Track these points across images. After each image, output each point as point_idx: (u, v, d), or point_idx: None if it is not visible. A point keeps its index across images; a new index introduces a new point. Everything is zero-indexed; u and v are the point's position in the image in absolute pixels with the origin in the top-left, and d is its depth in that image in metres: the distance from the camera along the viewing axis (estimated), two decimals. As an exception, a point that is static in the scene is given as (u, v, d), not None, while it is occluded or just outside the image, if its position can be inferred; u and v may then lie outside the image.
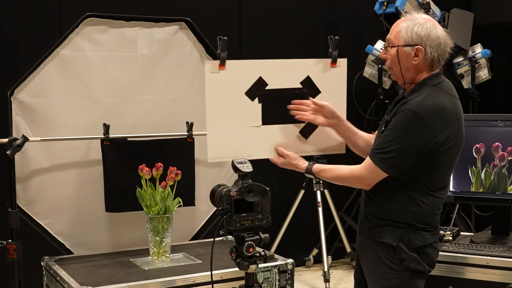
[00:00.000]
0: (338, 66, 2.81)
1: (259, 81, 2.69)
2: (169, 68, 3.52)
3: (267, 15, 5.12)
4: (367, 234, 2.58)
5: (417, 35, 2.46)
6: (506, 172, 3.09)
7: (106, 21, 3.35)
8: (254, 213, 2.34)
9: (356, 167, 2.51)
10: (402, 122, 2.40)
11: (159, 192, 3.14)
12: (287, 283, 3.06)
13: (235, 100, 2.66)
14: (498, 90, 5.91)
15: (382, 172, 2.43)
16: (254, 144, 2.68)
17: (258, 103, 2.70)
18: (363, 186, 2.52)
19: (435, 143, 2.39)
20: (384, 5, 4.73)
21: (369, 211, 2.57)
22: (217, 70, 2.62)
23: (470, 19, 5.35)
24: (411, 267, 2.47)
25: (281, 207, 4.98)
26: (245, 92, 2.67)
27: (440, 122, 2.40)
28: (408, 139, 2.38)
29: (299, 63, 2.77)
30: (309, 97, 2.76)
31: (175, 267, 3.05)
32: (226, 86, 2.64)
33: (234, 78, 2.66)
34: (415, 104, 2.40)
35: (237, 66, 2.69)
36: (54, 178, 3.31)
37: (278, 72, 2.73)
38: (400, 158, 2.40)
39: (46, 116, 3.26)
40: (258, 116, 2.70)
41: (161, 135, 3.47)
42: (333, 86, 2.80)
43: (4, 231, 3.13)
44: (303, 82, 2.76)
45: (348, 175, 2.53)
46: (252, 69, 2.69)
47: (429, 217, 2.50)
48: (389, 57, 2.53)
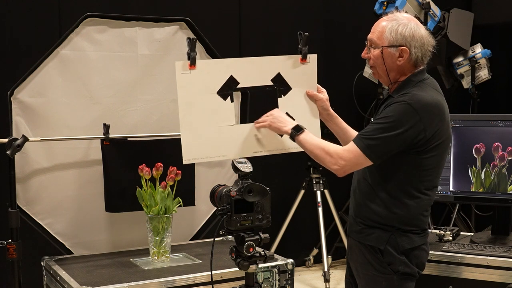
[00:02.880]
0: (308, 62, 2.78)
1: (230, 80, 2.66)
2: (169, 68, 3.51)
3: (267, 15, 5.12)
4: (355, 236, 2.57)
5: (402, 35, 2.45)
6: (506, 172, 3.09)
7: (106, 21, 3.35)
8: (254, 213, 2.34)
9: (340, 149, 2.44)
10: (393, 112, 2.38)
11: (159, 192, 3.14)
12: (287, 283, 3.06)
13: (207, 100, 2.63)
14: (498, 90, 5.92)
15: (365, 159, 2.38)
16: (229, 143, 2.65)
17: (231, 102, 2.67)
18: (338, 170, 2.42)
19: (423, 137, 2.37)
20: (384, 5, 4.73)
21: (356, 213, 2.56)
22: (187, 70, 2.60)
23: (470, 19, 5.35)
24: (399, 270, 2.45)
25: (281, 207, 4.98)
26: (216, 91, 2.65)
27: (429, 117, 2.39)
28: (398, 128, 2.35)
29: (269, 60, 2.75)
30: (280, 94, 2.74)
31: (175, 267, 3.05)
32: (198, 86, 2.61)
33: (205, 78, 2.63)
34: (408, 96, 2.39)
35: (207, 65, 2.67)
36: (54, 178, 3.31)
37: (249, 70, 2.70)
38: (386, 146, 2.37)
39: (46, 116, 3.26)
40: (231, 115, 2.67)
41: (161, 135, 3.47)
42: (304, 82, 2.77)
43: (4, 231, 3.13)
44: (274, 79, 2.74)
45: (330, 153, 2.43)
46: (223, 68, 2.66)
47: (416, 219, 2.48)
48: (372, 57, 2.53)
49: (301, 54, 2.77)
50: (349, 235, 2.63)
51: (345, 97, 5.16)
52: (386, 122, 2.38)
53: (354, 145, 2.40)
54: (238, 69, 2.68)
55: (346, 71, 5.28)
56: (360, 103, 5.14)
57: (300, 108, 2.76)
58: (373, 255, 2.48)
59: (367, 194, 2.50)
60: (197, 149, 2.60)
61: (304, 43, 2.76)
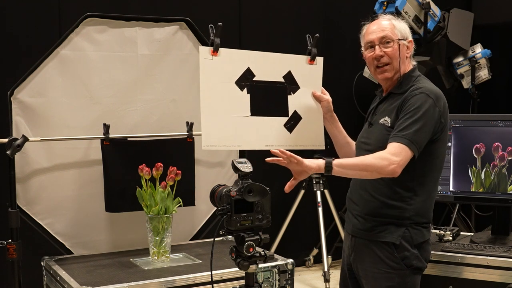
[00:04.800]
0: (316, 64, 2.86)
1: (247, 72, 2.71)
2: (169, 68, 3.52)
3: (267, 15, 5.12)
4: (364, 235, 2.57)
5: (405, 29, 2.62)
6: (506, 172, 3.09)
7: (106, 21, 3.35)
8: (254, 213, 2.33)
9: (382, 152, 2.41)
10: (418, 103, 2.46)
11: (159, 192, 3.14)
12: (287, 283, 3.06)
13: (226, 88, 2.67)
14: (498, 90, 5.92)
15: (410, 154, 2.41)
16: (243, 134, 2.69)
17: (247, 93, 2.71)
18: (396, 168, 2.36)
19: (440, 124, 2.48)
20: (384, 5, 4.74)
21: (366, 211, 2.56)
22: (210, 57, 2.64)
23: (470, 19, 5.36)
24: (413, 264, 2.49)
25: (281, 207, 4.98)
26: (235, 81, 2.70)
27: (443, 105, 2.52)
28: (427, 117, 2.44)
29: (282, 58, 2.81)
30: (290, 92, 2.79)
31: (175, 267, 3.05)
32: (219, 74, 2.66)
33: (226, 66, 2.67)
34: (421, 89, 2.50)
35: (229, 54, 2.71)
36: (54, 178, 3.31)
37: (264, 64, 2.77)
38: (423, 136, 2.44)
39: (46, 116, 3.26)
40: (247, 106, 2.71)
41: (161, 135, 3.47)
42: (311, 83, 2.84)
43: (4, 231, 3.13)
44: (285, 77, 2.80)
45: (377, 160, 2.37)
46: (242, 59, 2.72)
47: (428, 211, 2.55)
48: (390, 53, 2.58)
49: (310, 55, 2.84)
50: (353, 235, 2.61)
51: (345, 97, 5.16)
52: (415, 114, 2.44)
53: (397, 144, 2.41)
54: (255, 61, 2.74)
55: (346, 71, 5.28)
56: (360, 103, 5.14)
57: (306, 107, 2.81)
58: (386, 251, 2.49)
59: (379, 190, 2.51)
60: (216, 136, 2.63)
61: (314, 44, 2.84)
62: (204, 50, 2.64)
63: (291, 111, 2.80)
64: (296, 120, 2.81)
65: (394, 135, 2.45)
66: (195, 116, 3.51)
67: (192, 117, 3.51)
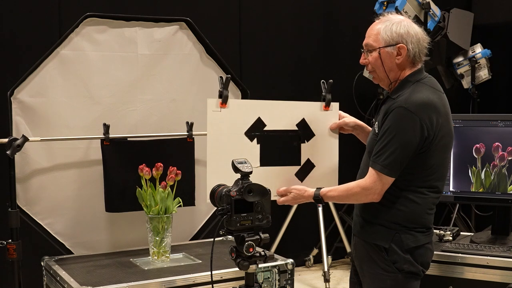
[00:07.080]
0: (331, 109, 2.81)
1: (258, 122, 2.70)
2: (169, 68, 3.52)
3: (267, 15, 5.12)
4: (359, 235, 2.58)
5: (397, 33, 2.48)
6: (506, 172, 3.09)
7: (106, 21, 3.35)
8: (254, 213, 2.33)
9: (362, 180, 2.48)
10: (394, 121, 2.39)
11: (159, 192, 3.14)
12: (287, 283, 3.06)
13: (235, 140, 2.66)
14: (498, 90, 5.92)
15: (388, 178, 2.41)
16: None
17: (257, 144, 2.70)
18: (373, 198, 2.45)
19: (427, 137, 2.38)
20: (384, 5, 4.73)
21: (360, 211, 2.57)
22: (218, 109, 2.62)
23: (470, 19, 5.36)
24: (404, 268, 2.46)
25: (281, 207, 4.96)
26: (244, 132, 2.68)
27: (429, 116, 2.39)
28: (404, 137, 2.37)
29: (295, 106, 2.78)
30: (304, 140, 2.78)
31: (175, 267, 3.05)
32: (227, 125, 2.65)
33: (235, 117, 2.66)
34: (403, 100, 2.41)
35: (238, 105, 2.71)
36: (54, 178, 3.31)
37: (276, 113, 2.74)
38: (400, 158, 2.39)
39: (46, 116, 3.26)
40: (256, 157, 2.69)
41: (161, 135, 3.47)
42: (327, 129, 2.81)
43: (4, 231, 3.13)
44: (299, 124, 2.77)
45: (356, 189, 2.47)
46: (252, 109, 2.70)
47: (421, 217, 2.48)
48: (370, 61, 2.54)
49: (324, 101, 2.80)
50: (354, 233, 2.64)
51: (345, 97, 5.16)
52: (388, 136, 2.39)
53: (374, 171, 2.43)
54: (266, 111, 2.72)
55: (346, 71, 5.28)
56: (360, 103, 5.14)
57: (321, 154, 2.80)
58: (378, 253, 2.49)
59: None
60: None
61: (328, 90, 2.79)
62: (211, 103, 2.62)
63: (304, 159, 2.78)
64: (309, 168, 2.79)
65: (372, 160, 2.45)
66: (195, 116, 3.52)
67: (192, 117, 3.51)
